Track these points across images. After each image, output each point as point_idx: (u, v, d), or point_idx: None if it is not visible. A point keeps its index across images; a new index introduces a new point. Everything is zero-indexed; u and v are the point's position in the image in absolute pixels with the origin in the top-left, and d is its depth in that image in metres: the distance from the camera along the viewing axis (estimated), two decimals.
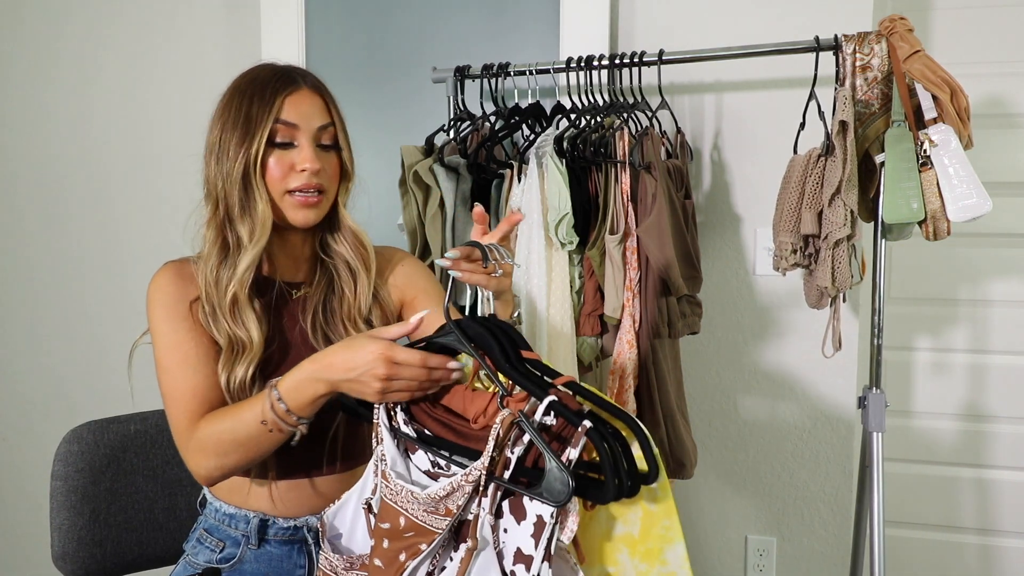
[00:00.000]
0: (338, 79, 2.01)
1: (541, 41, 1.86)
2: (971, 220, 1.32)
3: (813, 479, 1.84)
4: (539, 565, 0.74)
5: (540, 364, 0.82)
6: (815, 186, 1.41)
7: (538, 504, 0.75)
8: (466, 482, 0.79)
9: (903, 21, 1.39)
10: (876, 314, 1.47)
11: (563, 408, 0.74)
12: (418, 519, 0.84)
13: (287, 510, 1.12)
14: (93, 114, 2.18)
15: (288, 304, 1.14)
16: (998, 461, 1.91)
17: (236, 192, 1.05)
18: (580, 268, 1.53)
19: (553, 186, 1.46)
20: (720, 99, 1.79)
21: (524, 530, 0.76)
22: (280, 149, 1.06)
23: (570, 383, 0.78)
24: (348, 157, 1.13)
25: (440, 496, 0.81)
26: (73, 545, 1.29)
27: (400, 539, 0.85)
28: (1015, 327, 1.87)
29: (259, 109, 1.05)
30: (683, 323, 1.57)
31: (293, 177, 1.06)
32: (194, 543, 1.15)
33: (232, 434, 1.00)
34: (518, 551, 0.77)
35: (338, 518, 0.98)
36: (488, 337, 0.82)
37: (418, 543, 0.83)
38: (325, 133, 1.10)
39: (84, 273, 2.23)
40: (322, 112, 1.10)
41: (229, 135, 1.05)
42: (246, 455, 1.01)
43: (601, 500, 0.73)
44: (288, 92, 1.07)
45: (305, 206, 1.07)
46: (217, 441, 1.01)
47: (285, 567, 1.12)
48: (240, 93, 1.07)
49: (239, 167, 1.04)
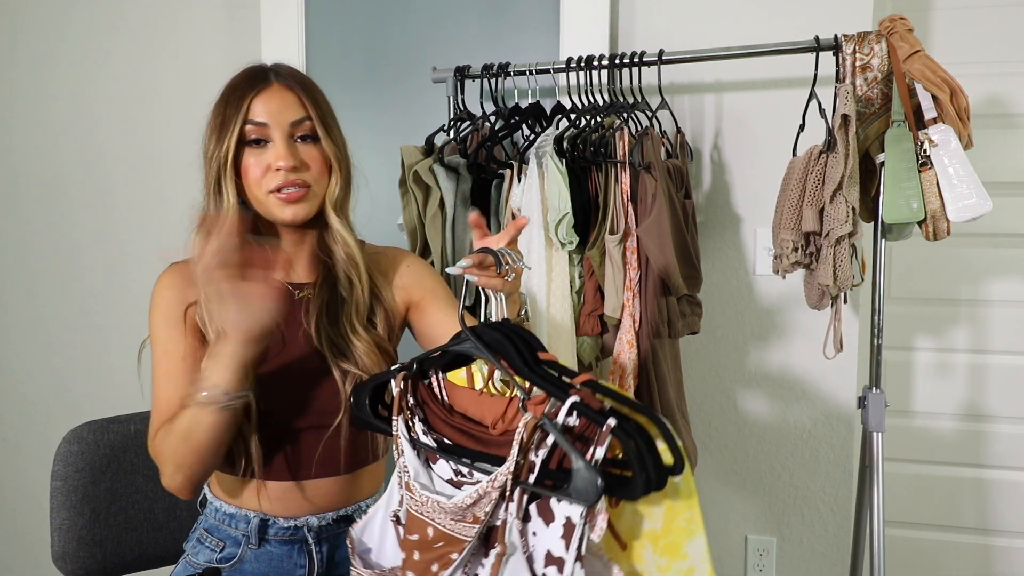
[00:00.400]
0: (338, 79, 2.04)
1: (541, 41, 1.87)
2: (971, 220, 1.32)
3: (813, 479, 1.84)
4: (572, 566, 0.74)
5: (557, 365, 0.82)
6: (816, 183, 1.41)
7: (566, 505, 0.75)
8: (492, 488, 0.79)
9: (903, 21, 1.39)
10: (876, 314, 1.47)
11: (586, 408, 0.75)
12: (446, 528, 0.84)
13: (287, 510, 1.11)
14: (94, 115, 2.18)
15: (292, 305, 1.12)
16: (998, 461, 1.91)
17: (211, 195, 1.06)
18: (580, 268, 1.53)
19: (553, 186, 1.46)
20: (720, 99, 1.79)
21: (553, 532, 0.76)
22: (256, 148, 1.06)
23: (588, 382, 0.78)
24: (330, 148, 1.09)
25: (467, 504, 0.81)
26: (73, 545, 1.29)
27: (430, 550, 0.85)
28: (1015, 327, 1.87)
29: (230, 112, 1.06)
30: (683, 323, 1.57)
31: (271, 176, 1.06)
32: (194, 543, 1.15)
33: (178, 432, 1.00)
34: (548, 554, 0.77)
35: (366, 533, 0.97)
36: (505, 342, 0.82)
37: (449, 552, 0.83)
38: (300, 127, 1.08)
39: (85, 274, 2.23)
40: (294, 107, 1.08)
41: (209, 140, 1.07)
42: (196, 448, 1.00)
43: (630, 496, 0.73)
44: (256, 92, 1.06)
45: (289, 202, 1.06)
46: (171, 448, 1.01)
47: (285, 567, 1.12)
48: (221, 100, 1.08)
49: (213, 169, 1.06)
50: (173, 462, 1.02)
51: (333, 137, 1.10)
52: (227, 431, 1.01)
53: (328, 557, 1.14)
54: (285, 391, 1.08)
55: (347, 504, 1.15)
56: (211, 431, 0.99)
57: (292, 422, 1.09)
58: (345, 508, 1.15)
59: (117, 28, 2.14)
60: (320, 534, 1.13)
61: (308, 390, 1.09)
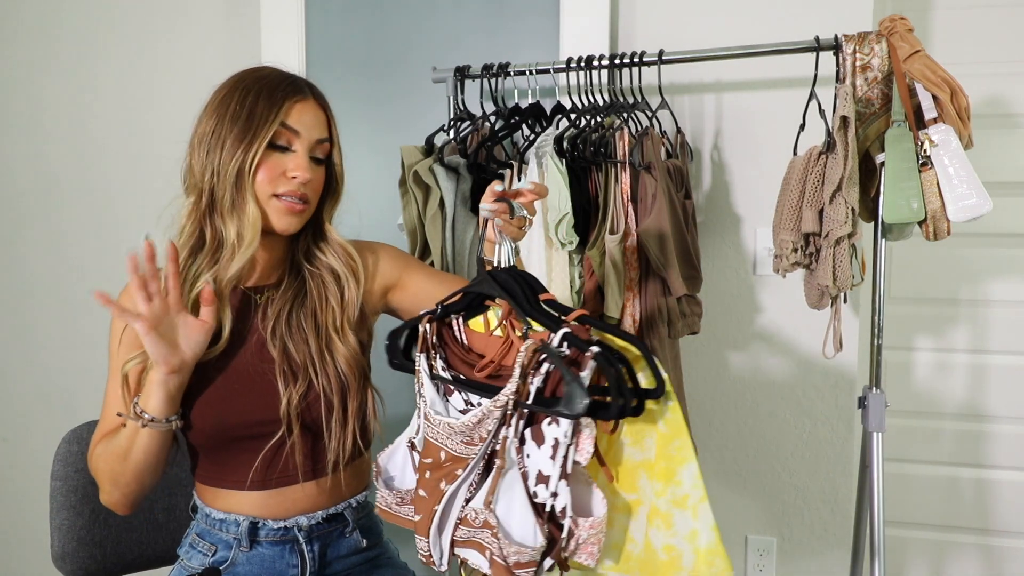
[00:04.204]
0: (338, 79, 2.04)
1: (541, 41, 1.86)
2: (971, 220, 1.32)
3: (813, 479, 1.84)
4: (556, 481, 0.85)
5: (556, 304, 0.93)
6: (816, 184, 1.41)
7: (555, 428, 0.85)
8: (495, 407, 0.88)
9: (903, 21, 1.39)
10: (876, 314, 1.47)
11: (574, 337, 0.85)
12: (456, 451, 0.94)
13: (274, 514, 1.11)
14: (92, 115, 2.17)
15: (250, 307, 1.13)
16: (998, 461, 1.91)
17: (227, 189, 1.04)
18: (580, 268, 1.53)
19: (553, 186, 1.46)
20: (720, 99, 1.79)
21: (544, 453, 0.86)
22: (276, 152, 1.06)
23: (580, 316, 0.89)
24: (340, 174, 1.14)
25: (473, 423, 0.90)
26: (73, 545, 1.29)
27: (440, 468, 0.95)
28: (1015, 327, 1.87)
29: (265, 108, 1.04)
30: (683, 323, 1.57)
31: (282, 182, 1.06)
32: (187, 548, 1.16)
33: (115, 451, 1.05)
34: (539, 473, 0.86)
35: (391, 462, 1.06)
36: (513, 283, 0.94)
37: (455, 469, 0.93)
38: (320, 147, 1.10)
39: (83, 274, 2.23)
40: (323, 126, 1.10)
41: (227, 128, 1.04)
42: (133, 468, 1.04)
43: (607, 416, 0.83)
44: (297, 98, 1.07)
45: (290, 212, 1.07)
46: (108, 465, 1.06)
47: (278, 567, 1.12)
48: (244, 89, 1.06)
49: (234, 165, 1.03)
50: (110, 479, 1.07)
51: (341, 162, 1.14)
52: (160, 452, 1.05)
53: (320, 555, 1.14)
54: (232, 397, 1.08)
55: (336, 503, 1.15)
56: (144, 452, 1.03)
57: (243, 431, 1.08)
58: (335, 506, 1.15)
59: (116, 28, 2.14)
60: (311, 533, 1.13)
61: (253, 398, 1.08)
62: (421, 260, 1.63)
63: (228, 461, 1.10)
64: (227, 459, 1.10)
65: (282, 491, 1.11)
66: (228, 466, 1.10)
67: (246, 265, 1.09)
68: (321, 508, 1.14)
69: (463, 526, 0.93)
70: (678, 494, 0.88)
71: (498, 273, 0.96)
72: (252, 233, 1.05)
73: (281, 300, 1.12)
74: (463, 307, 1.02)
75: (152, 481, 1.08)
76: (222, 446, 1.09)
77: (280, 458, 1.09)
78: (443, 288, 1.19)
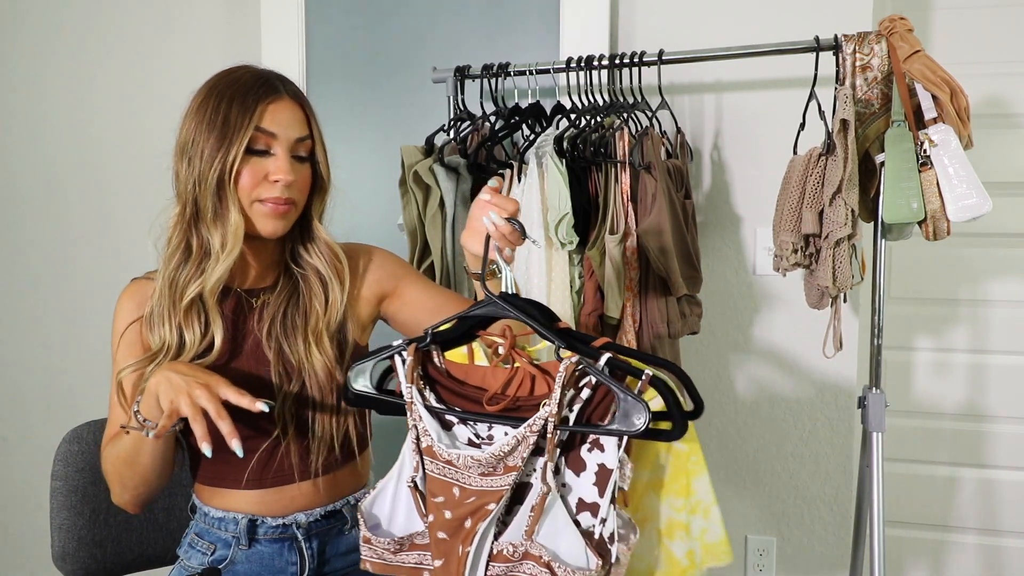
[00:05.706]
0: (338, 80, 2.04)
1: (541, 41, 1.87)
2: (971, 220, 1.32)
3: (813, 479, 1.84)
4: (607, 508, 0.84)
5: (574, 332, 0.90)
6: (816, 185, 1.41)
7: (597, 454, 0.84)
8: (530, 433, 0.84)
9: (903, 21, 1.39)
10: (876, 314, 1.47)
11: (622, 362, 0.83)
12: (473, 486, 0.88)
13: (272, 512, 1.11)
14: (93, 115, 2.17)
15: (245, 311, 1.12)
16: (998, 461, 1.91)
17: (209, 198, 1.03)
18: (580, 268, 1.53)
19: (553, 186, 1.46)
20: (720, 99, 1.79)
21: (586, 480, 0.84)
22: (256, 156, 1.04)
23: (607, 344, 0.86)
24: (324, 170, 1.11)
25: (504, 452, 0.85)
26: (73, 545, 1.29)
27: (462, 506, 0.89)
28: (1015, 327, 1.87)
29: (239, 114, 1.02)
30: (683, 323, 1.57)
31: (264, 187, 1.04)
32: (186, 548, 1.16)
33: (121, 455, 1.05)
34: (580, 501, 0.85)
35: (376, 506, 1.00)
36: (529, 307, 0.91)
37: (483, 504, 0.88)
38: (302, 145, 1.07)
39: (84, 273, 2.23)
40: (301, 123, 1.07)
41: (204, 137, 1.03)
42: (140, 471, 1.04)
43: (670, 438, 0.84)
44: (270, 100, 1.04)
45: (275, 216, 1.05)
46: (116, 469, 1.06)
47: (277, 565, 1.12)
48: (219, 95, 1.04)
49: (214, 174, 1.02)
50: (119, 482, 1.07)
51: (325, 157, 1.11)
52: (165, 454, 1.05)
53: (319, 552, 1.14)
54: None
55: (334, 500, 1.15)
56: (150, 456, 1.03)
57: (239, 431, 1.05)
58: (333, 504, 1.15)
59: (116, 27, 2.14)
60: (310, 530, 1.13)
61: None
62: (421, 260, 1.63)
63: (226, 461, 1.10)
64: (225, 459, 1.10)
65: (280, 489, 1.11)
66: (226, 466, 1.10)
67: (234, 271, 1.08)
68: (319, 505, 1.14)
69: (495, 562, 0.89)
70: (692, 502, 0.92)
71: (508, 298, 0.92)
72: (233, 241, 1.03)
73: (276, 302, 1.12)
74: (459, 334, 0.97)
75: (160, 483, 1.08)
76: (219, 446, 1.09)
77: (276, 457, 1.10)
78: (439, 302, 1.18)
